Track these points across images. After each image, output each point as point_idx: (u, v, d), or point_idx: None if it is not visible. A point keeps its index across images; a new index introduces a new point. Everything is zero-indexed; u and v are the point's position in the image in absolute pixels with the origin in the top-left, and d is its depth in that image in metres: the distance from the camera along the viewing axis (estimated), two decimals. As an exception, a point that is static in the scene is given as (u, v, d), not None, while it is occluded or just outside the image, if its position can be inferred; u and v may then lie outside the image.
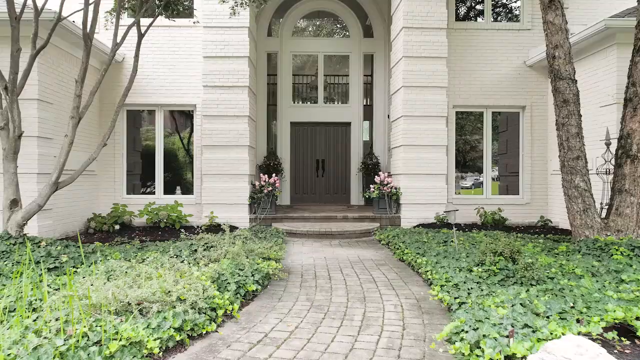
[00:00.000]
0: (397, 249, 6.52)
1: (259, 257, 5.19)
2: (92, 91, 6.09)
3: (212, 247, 5.26)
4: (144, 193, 10.38)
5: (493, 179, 10.44)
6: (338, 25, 13.36)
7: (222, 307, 3.67)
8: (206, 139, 9.35)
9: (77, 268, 5.14)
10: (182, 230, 8.61)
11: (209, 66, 9.37)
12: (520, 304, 3.42)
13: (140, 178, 10.57)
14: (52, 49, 7.77)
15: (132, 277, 3.73)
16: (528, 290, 3.97)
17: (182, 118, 11.34)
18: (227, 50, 9.35)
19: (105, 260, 5.24)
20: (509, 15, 10.92)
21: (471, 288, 3.91)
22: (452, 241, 6.34)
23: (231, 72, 9.36)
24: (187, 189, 10.23)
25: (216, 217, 9.03)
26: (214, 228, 8.89)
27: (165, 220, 8.92)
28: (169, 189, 10.33)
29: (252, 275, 4.45)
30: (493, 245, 4.65)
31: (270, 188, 9.39)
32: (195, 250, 5.14)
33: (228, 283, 4.04)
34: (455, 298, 3.75)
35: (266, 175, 9.69)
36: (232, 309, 3.76)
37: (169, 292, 3.52)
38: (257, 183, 9.56)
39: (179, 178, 10.74)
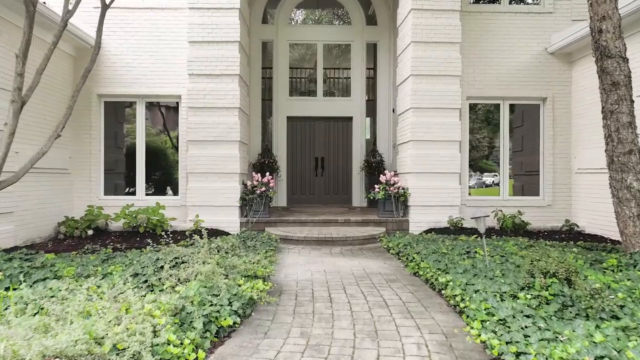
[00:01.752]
0: (411, 260, 5.42)
1: (243, 275, 4.08)
2: (38, 70, 4.96)
3: (183, 262, 4.16)
4: (127, 194, 9.26)
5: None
6: (339, 11, 12.23)
7: (181, 357, 2.57)
8: (192, 134, 8.24)
9: (16, 288, 4.04)
10: (164, 235, 7.54)
11: (195, 52, 8.25)
12: (608, 358, 2.32)
13: (123, 177, 9.46)
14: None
15: (56, 314, 2.62)
16: (599, 327, 2.88)
17: (170, 111, 10.21)
18: (216, 34, 8.23)
19: (50, 278, 4.14)
20: (526, -1, 9.82)
21: (526, 327, 2.81)
22: (478, 253, 5.23)
23: (220, 59, 8.24)
24: (175, 190, 9.11)
25: (202, 220, 7.92)
26: (200, 233, 7.78)
27: (144, 225, 7.81)
28: (159, 190, 9.22)
29: (230, 303, 3.33)
30: (542, 262, 3.54)
31: (263, 188, 8.29)
32: (162, 267, 4.04)
33: (194, 318, 2.93)
34: (507, 343, 2.65)
35: (259, 174, 8.58)
36: (196, 359, 2.66)
37: (102, 337, 2.42)
38: (249, 183, 8.45)
39: (170, 177, 9.61)
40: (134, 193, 8.92)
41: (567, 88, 8.85)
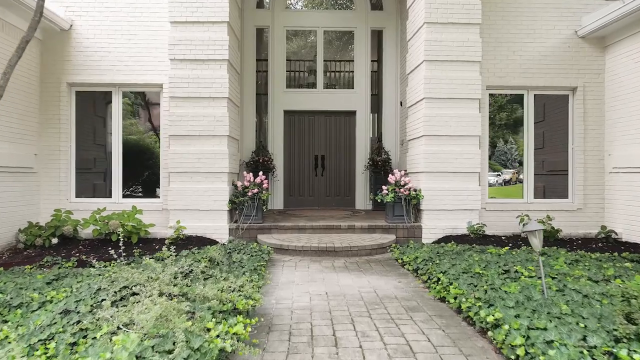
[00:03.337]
0: (435, 282, 4.28)
1: (216, 310, 2.94)
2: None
3: (134, 294, 3.02)
4: (107, 196, 8.10)
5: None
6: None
7: None
8: (174, 127, 7.10)
9: None
10: (141, 244, 6.46)
11: (178, 34, 7.11)
12: None
13: (104, 177, 8.30)
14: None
15: None
16: None
17: (158, 104, 9.02)
18: (201, 13, 7.09)
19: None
20: (550, -22, 8.68)
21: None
22: (521, 272, 4.09)
23: (206, 42, 7.10)
24: (156, 192, 7.96)
25: (184, 227, 6.78)
26: (182, 242, 6.65)
27: (117, 232, 6.66)
28: (145, 191, 8.03)
29: (187, 366, 2.21)
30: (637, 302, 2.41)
31: (256, 190, 7.15)
32: (103, 300, 2.90)
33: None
34: None
35: (251, 174, 7.44)
36: None
37: None
38: (239, 184, 7.31)
39: (157, 178, 8.38)
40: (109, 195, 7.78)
41: (599, 76, 7.72)
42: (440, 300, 4.08)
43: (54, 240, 6.63)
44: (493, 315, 2.96)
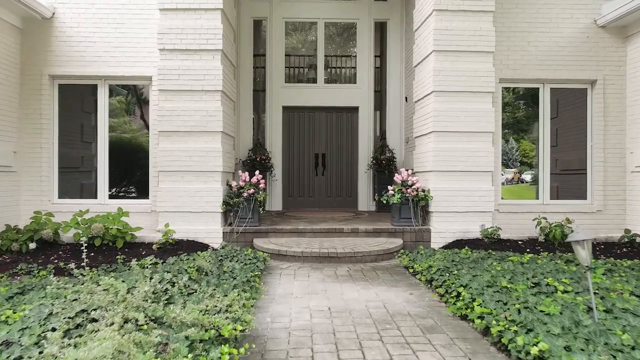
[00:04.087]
0: (453, 296, 3.70)
1: (194, 340, 2.36)
2: None
3: (93, 321, 2.45)
4: (94, 197, 7.51)
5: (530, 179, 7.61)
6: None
7: None
8: (164, 123, 6.52)
9: None
10: (127, 250, 5.92)
11: (168, 22, 6.53)
12: None
13: (93, 177, 7.71)
14: None
15: None
16: None
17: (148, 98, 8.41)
18: (192, -1, 6.52)
19: None
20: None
21: None
22: (554, 286, 3.51)
23: (198, 31, 6.53)
24: (146, 192, 7.36)
25: (173, 231, 6.20)
26: (171, 246, 6.08)
27: (101, 236, 6.09)
28: (140, 192, 7.40)
29: None
30: None
31: (251, 190, 6.57)
32: (54, 330, 2.32)
33: None
34: None
35: (247, 173, 6.86)
36: None
37: None
38: (234, 184, 6.73)
39: (148, 178, 7.78)
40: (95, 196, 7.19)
41: (620, 69, 7.14)
42: (460, 318, 3.50)
43: (32, 245, 6.05)
44: (536, 346, 2.38)
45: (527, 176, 8.09)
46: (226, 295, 3.14)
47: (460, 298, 3.50)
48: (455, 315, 3.58)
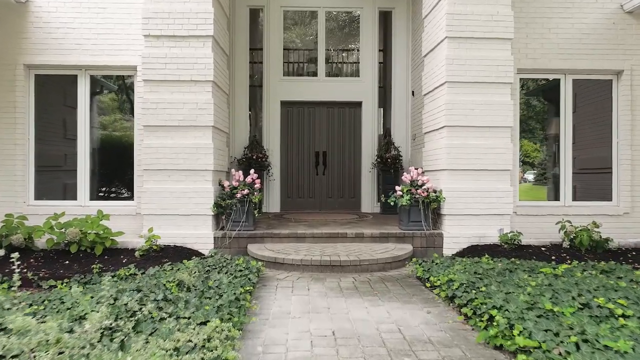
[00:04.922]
0: (484, 319, 3.04)
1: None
2: None
3: (15, 357, 1.79)
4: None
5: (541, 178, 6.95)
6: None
7: None
8: (148, 116, 5.86)
9: None
10: (110, 255, 5.30)
11: (152, 5, 5.87)
12: None
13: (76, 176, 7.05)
14: None
15: None
16: None
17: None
18: (180, -20, 5.86)
19: None
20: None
21: None
22: (607, 308, 2.85)
23: (186, 15, 5.87)
24: (131, 193, 6.70)
25: (158, 237, 5.52)
26: (156, 253, 5.41)
27: (77, 242, 5.42)
28: (127, 194, 6.76)
29: None
30: None
31: (246, 191, 5.91)
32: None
33: None
34: None
35: (241, 172, 6.21)
36: None
37: None
38: (226, 184, 6.07)
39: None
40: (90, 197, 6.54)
41: (649, 58, 6.50)
42: (494, 349, 2.85)
43: (0, 252, 5.39)
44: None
45: (529, 176, 7.50)
46: (207, 322, 2.49)
47: (495, 324, 2.85)
48: (487, 344, 2.92)
